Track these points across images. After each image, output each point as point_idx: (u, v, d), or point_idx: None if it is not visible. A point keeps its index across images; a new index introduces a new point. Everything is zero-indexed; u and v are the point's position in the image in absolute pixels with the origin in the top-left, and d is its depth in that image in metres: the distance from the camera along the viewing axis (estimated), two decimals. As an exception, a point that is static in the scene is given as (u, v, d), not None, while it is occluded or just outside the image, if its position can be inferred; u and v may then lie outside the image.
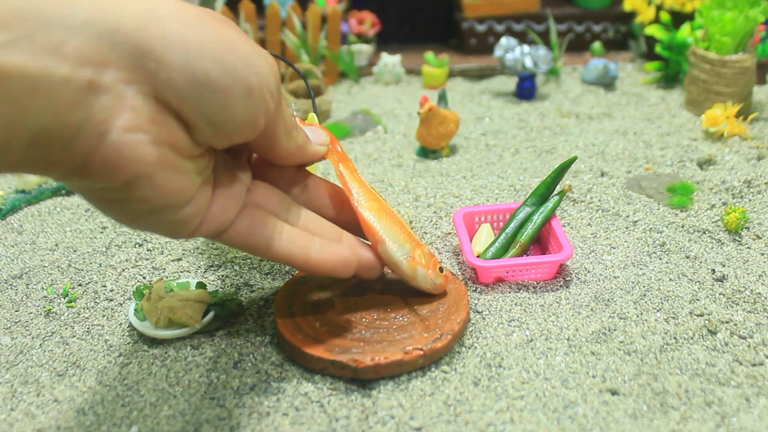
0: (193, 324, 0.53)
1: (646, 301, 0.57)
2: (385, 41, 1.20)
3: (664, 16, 1.06)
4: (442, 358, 0.51)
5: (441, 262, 0.54)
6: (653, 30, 1.05)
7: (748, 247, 0.64)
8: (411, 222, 0.70)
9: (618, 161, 0.82)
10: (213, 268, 0.63)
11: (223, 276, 0.62)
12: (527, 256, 0.63)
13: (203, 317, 0.54)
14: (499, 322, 0.55)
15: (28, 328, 0.56)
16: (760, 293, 0.58)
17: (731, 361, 0.51)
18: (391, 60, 1.09)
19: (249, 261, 0.64)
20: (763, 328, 0.54)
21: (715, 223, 0.68)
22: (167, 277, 0.61)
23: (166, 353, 0.53)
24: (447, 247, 0.66)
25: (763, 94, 0.98)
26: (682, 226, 0.68)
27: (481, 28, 1.16)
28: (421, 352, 0.49)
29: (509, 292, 0.58)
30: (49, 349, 0.54)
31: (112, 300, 0.59)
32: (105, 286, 0.61)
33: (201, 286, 0.57)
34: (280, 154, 0.45)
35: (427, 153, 0.85)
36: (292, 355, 0.51)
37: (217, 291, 0.58)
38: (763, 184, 0.73)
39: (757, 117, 0.90)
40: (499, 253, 0.62)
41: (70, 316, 0.57)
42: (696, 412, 0.46)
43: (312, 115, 0.65)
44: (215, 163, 0.42)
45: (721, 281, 0.60)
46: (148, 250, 0.66)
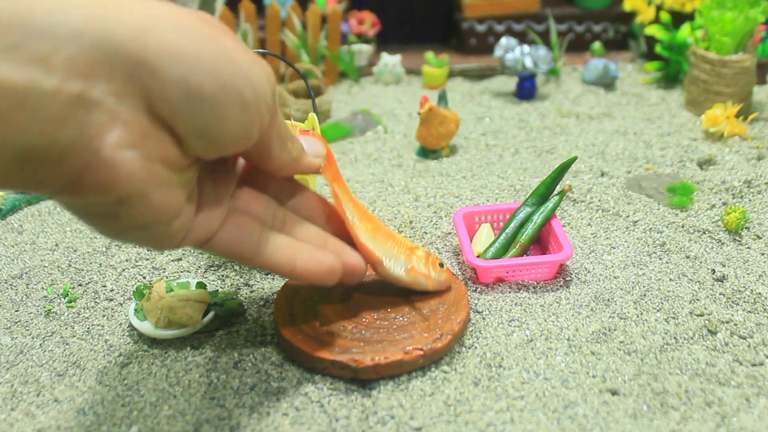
0: (193, 324, 0.53)
1: (646, 301, 0.57)
2: (385, 41, 1.20)
3: (664, 16, 1.06)
4: (442, 358, 0.51)
5: (439, 259, 0.54)
6: (653, 30, 1.05)
7: (748, 247, 0.64)
8: (411, 222, 0.70)
9: (618, 161, 0.82)
10: (213, 268, 0.63)
11: (223, 276, 0.62)
12: (527, 256, 0.63)
13: (203, 317, 0.54)
14: (499, 322, 0.55)
15: (28, 328, 0.56)
16: (760, 293, 0.58)
17: (731, 361, 0.51)
18: (391, 60, 1.09)
19: (249, 261, 0.64)
20: (763, 328, 0.54)
21: (715, 223, 0.68)
22: (167, 277, 0.61)
23: (166, 353, 0.53)
24: (447, 247, 0.66)
25: (763, 94, 0.98)
26: (682, 226, 0.68)
27: (481, 28, 1.16)
28: (421, 352, 0.49)
29: (509, 292, 0.58)
30: (49, 349, 0.54)
31: (112, 300, 0.59)
32: (105, 286, 0.61)
33: (201, 286, 0.57)
34: (274, 165, 0.44)
35: (427, 153, 0.85)
36: (292, 355, 0.51)
37: (217, 291, 0.58)
38: (763, 184, 0.73)
39: (757, 117, 0.90)
40: (499, 253, 0.62)
41: (70, 316, 0.57)
42: (696, 412, 0.46)
43: (312, 116, 0.65)
44: (200, 170, 0.41)
45: (721, 281, 0.60)
46: (148, 250, 0.66)
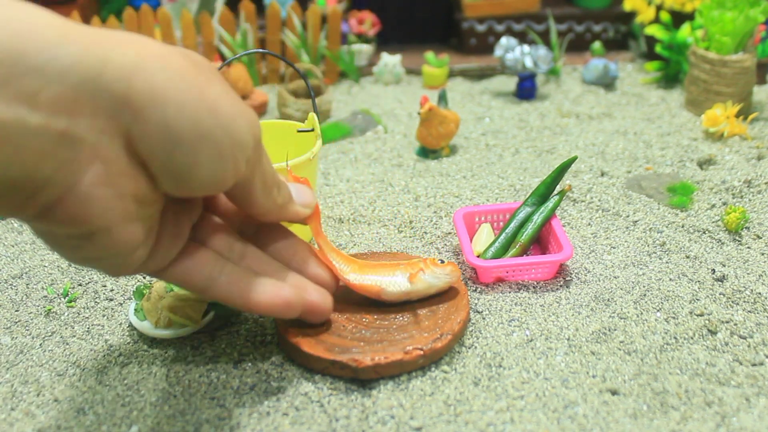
0: (193, 324, 0.53)
1: (646, 301, 0.57)
2: (385, 41, 1.20)
3: (664, 16, 1.06)
4: (442, 358, 0.51)
5: (437, 258, 0.54)
6: (653, 30, 1.05)
7: (748, 247, 0.64)
8: (411, 222, 0.70)
9: (618, 161, 0.82)
10: (213, 268, 0.63)
11: (223, 276, 0.62)
12: (527, 256, 0.63)
13: (203, 317, 0.54)
14: (499, 322, 0.55)
15: (28, 328, 0.56)
16: (760, 293, 0.58)
17: (731, 361, 0.51)
18: (391, 60, 1.09)
19: (249, 261, 0.64)
20: (763, 328, 0.54)
21: (715, 223, 0.68)
22: (167, 277, 0.61)
23: (166, 353, 0.53)
24: (447, 247, 0.66)
25: (763, 94, 0.98)
26: (682, 226, 0.68)
27: (481, 28, 1.16)
28: (421, 352, 0.49)
29: (509, 292, 0.58)
30: (49, 348, 0.54)
31: (112, 300, 0.59)
32: (105, 286, 0.61)
33: (201, 286, 0.57)
34: (256, 210, 0.44)
35: (427, 153, 0.85)
36: (292, 355, 0.51)
37: (217, 291, 0.58)
38: (763, 184, 0.73)
39: (757, 117, 0.90)
40: (499, 253, 0.62)
41: (70, 315, 0.57)
42: (696, 412, 0.46)
43: (312, 115, 0.65)
44: (164, 203, 0.41)
45: (721, 281, 0.60)
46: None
